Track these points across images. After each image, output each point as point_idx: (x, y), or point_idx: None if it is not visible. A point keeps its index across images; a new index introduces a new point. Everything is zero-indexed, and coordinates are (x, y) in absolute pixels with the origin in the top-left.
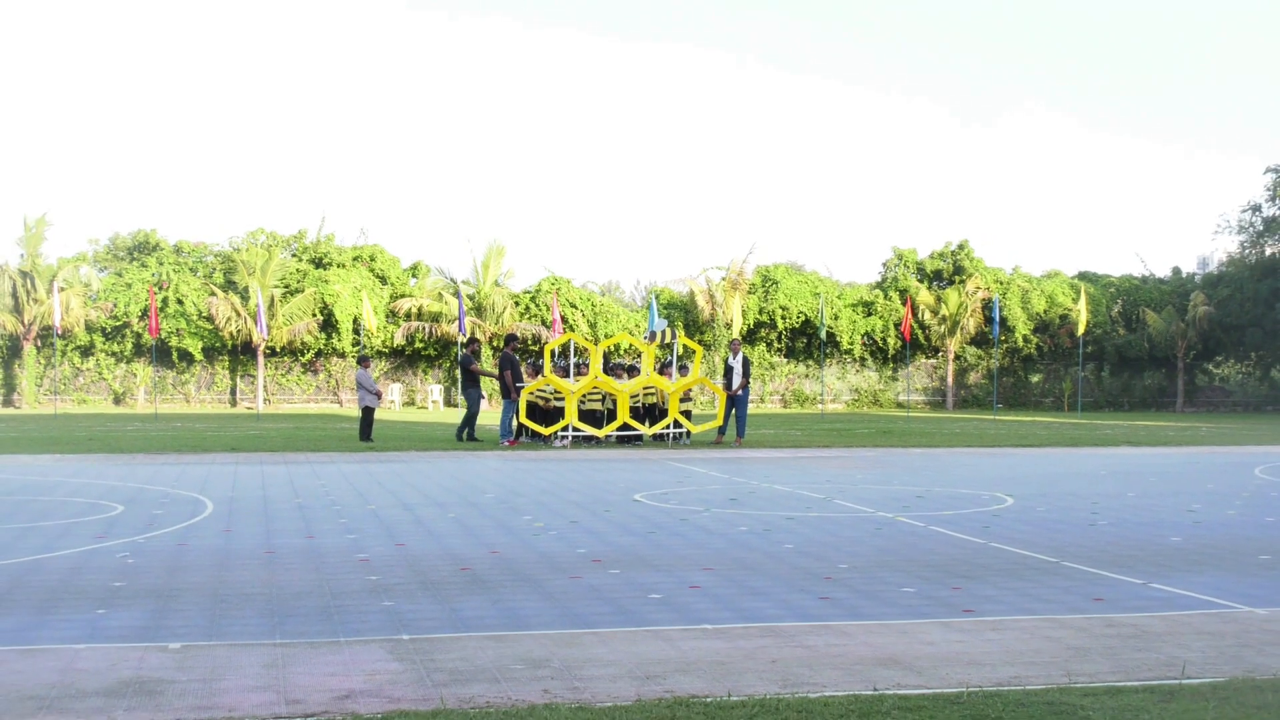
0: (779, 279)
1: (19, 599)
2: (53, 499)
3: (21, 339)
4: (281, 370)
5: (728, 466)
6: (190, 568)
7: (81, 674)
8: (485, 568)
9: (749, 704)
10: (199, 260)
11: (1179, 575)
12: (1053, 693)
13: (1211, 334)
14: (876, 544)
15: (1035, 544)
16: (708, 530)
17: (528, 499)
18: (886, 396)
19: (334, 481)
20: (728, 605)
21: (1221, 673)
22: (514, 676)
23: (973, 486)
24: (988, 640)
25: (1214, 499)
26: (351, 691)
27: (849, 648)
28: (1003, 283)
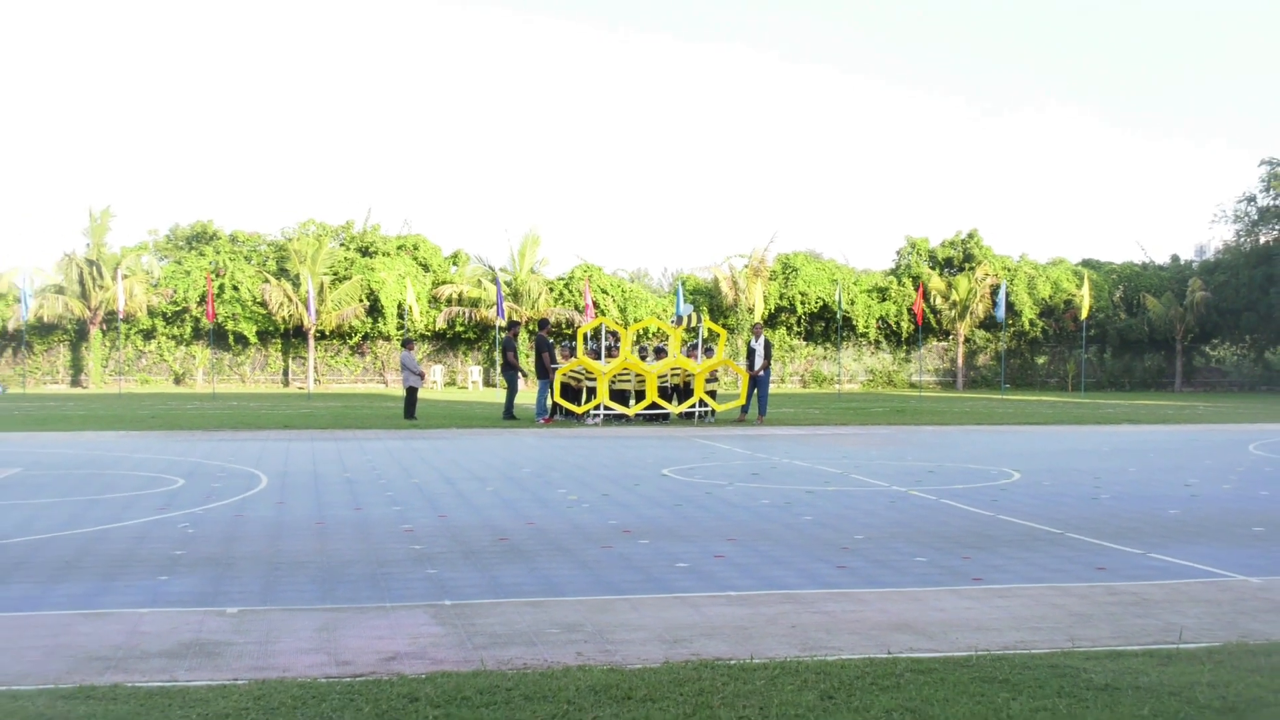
0: (798, 266)
1: (87, 566)
2: (118, 473)
3: (88, 323)
4: (330, 352)
5: (750, 443)
6: (246, 537)
7: (145, 636)
8: (522, 538)
9: (770, 666)
10: (253, 249)
11: (1177, 546)
12: (1057, 656)
13: (1208, 318)
14: (891, 516)
15: (1041, 516)
16: (731, 503)
17: (562, 473)
18: (900, 377)
19: (380, 457)
20: (750, 573)
21: (1217, 638)
22: (549, 640)
23: (981, 462)
24: (996, 607)
25: (1210, 474)
26: (397, 654)
27: (865, 614)
28: (1010, 269)
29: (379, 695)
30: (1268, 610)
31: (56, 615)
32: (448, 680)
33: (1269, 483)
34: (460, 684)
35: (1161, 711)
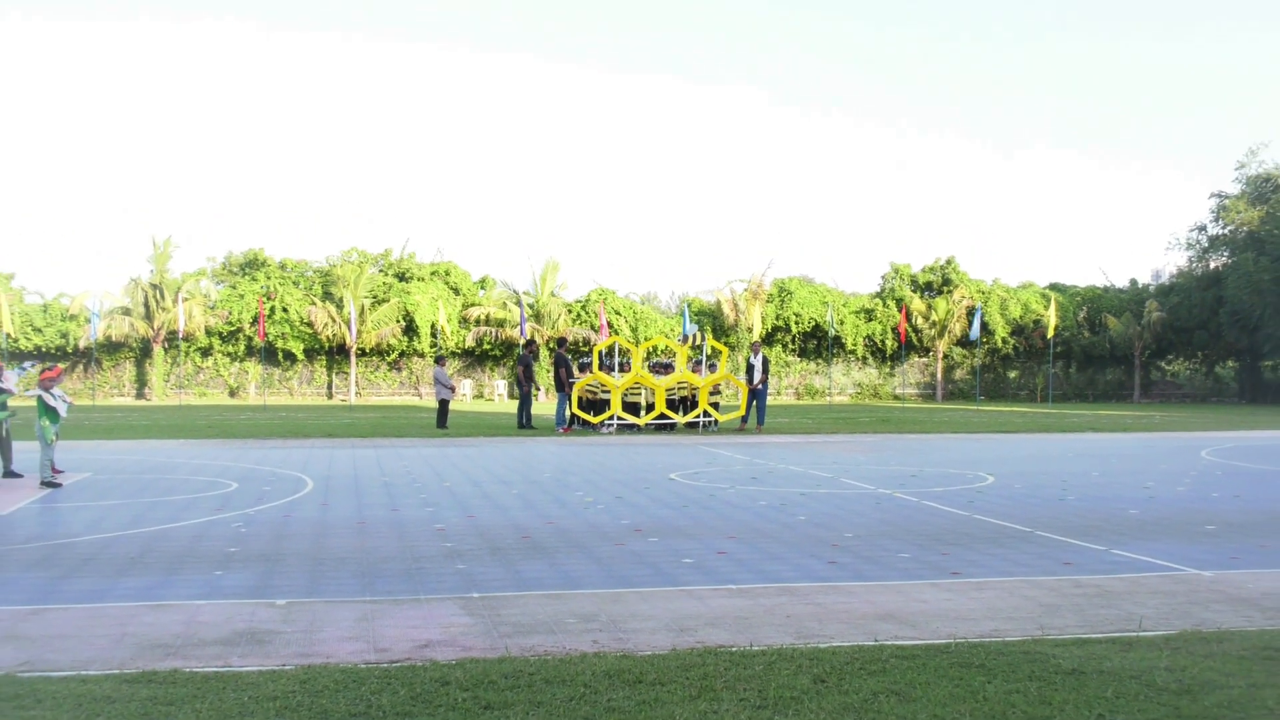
0: (793, 290)
1: (150, 562)
2: (177, 477)
3: (152, 341)
4: (370, 368)
5: (749, 450)
6: (293, 536)
7: (202, 626)
8: (543, 536)
9: (768, 653)
10: (300, 275)
11: (1136, 543)
12: (1028, 643)
13: (1164, 336)
14: (877, 516)
15: (1013, 516)
16: (732, 504)
17: (579, 477)
18: (885, 390)
19: (414, 463)
20: (750, 568)
21: (1173, 626)
22: (568, 629)
23: (959, 467)
24: (972, 598)
25: (1167, 477)
26: (430, 641)
27: (853, 605)
28: (984, 292)
29: (413, 679)
30: (1219, 601)
31: (122, 606)
32: (476, 666)
33: (1219, 485)
34: (487, 669)
35: (1123, 693)
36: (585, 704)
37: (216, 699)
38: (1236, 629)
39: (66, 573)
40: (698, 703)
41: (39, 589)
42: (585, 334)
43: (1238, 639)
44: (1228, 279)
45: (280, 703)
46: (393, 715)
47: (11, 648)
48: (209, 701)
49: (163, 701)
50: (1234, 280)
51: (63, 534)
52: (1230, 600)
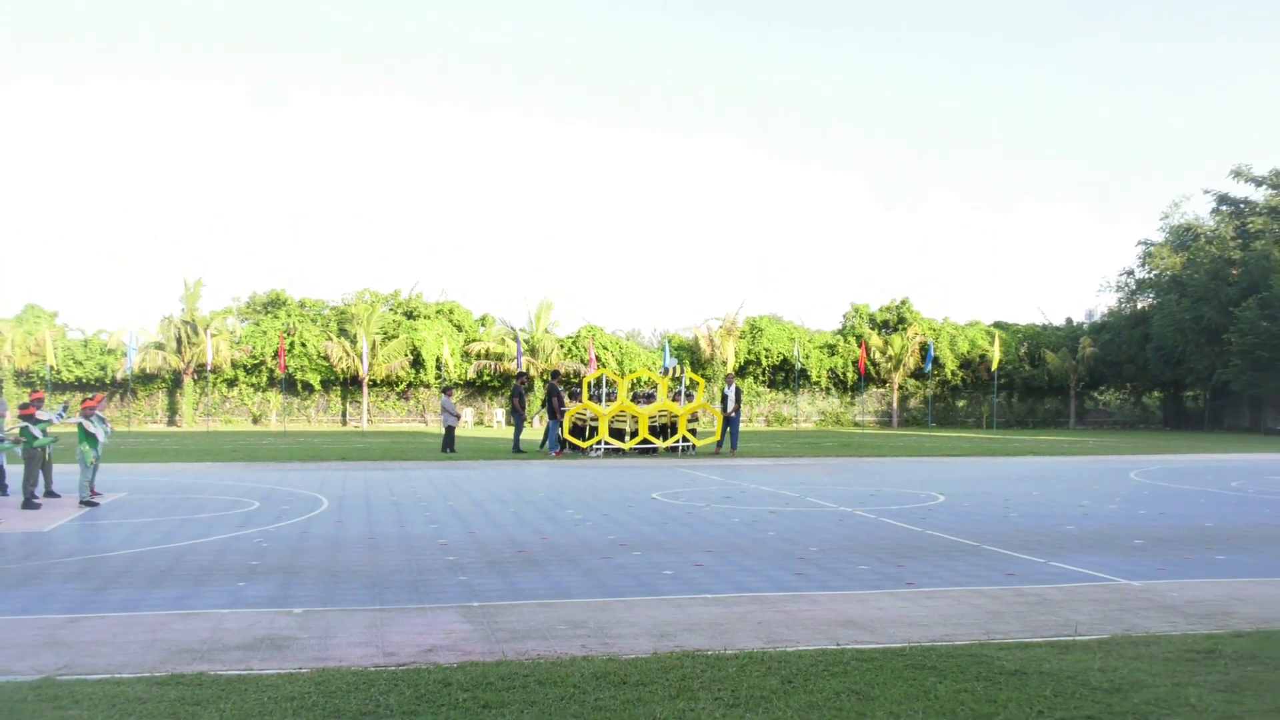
0: (763, 327)
1: (179, 574)
2: (205, 497)
3: (182, 373)
4: (380, 398)
5: (724, 472)
6: (310, 550)
7: (226, 632)
8: (537, 550)
9: (740, 656)
10: (318, 313)
11: (1073, 555)
12: (975, 647)
13: (1096, 369)
14: (839, 532)
15: (961, 531)
16: (708, 521)
17: (570, 497)
18: (846, 417)
19: (420, 484)
20: (724, 579)
21: (1106, 631)
22: (559, 634)
23: (913, 487)
24: (925, 606)
25: (1099, 496)
26: (434, 646)
27: (818, 612)
28: (935, 330)
29: (418, 681)
30: (1147, 608)
31: (153, 615)
32: (475, 668)
33: (1147, 503)
34: (485, 671)
35: (1061, 692)
36: (575, 703)
37: (239, 700)
38: (1162, 633)
39: (102, 584)
40: (677, 702)
41: (77, 599)
42: (576, 367)
43: (1163, 642)
44: (1153, 318)
45: (297, 703)
46: (399, 714)
47: (52, 653)
48: (232, 702)
49: (190, 702)
50: (1159, 319)
51: (99, 549)
52: (1157, 607)
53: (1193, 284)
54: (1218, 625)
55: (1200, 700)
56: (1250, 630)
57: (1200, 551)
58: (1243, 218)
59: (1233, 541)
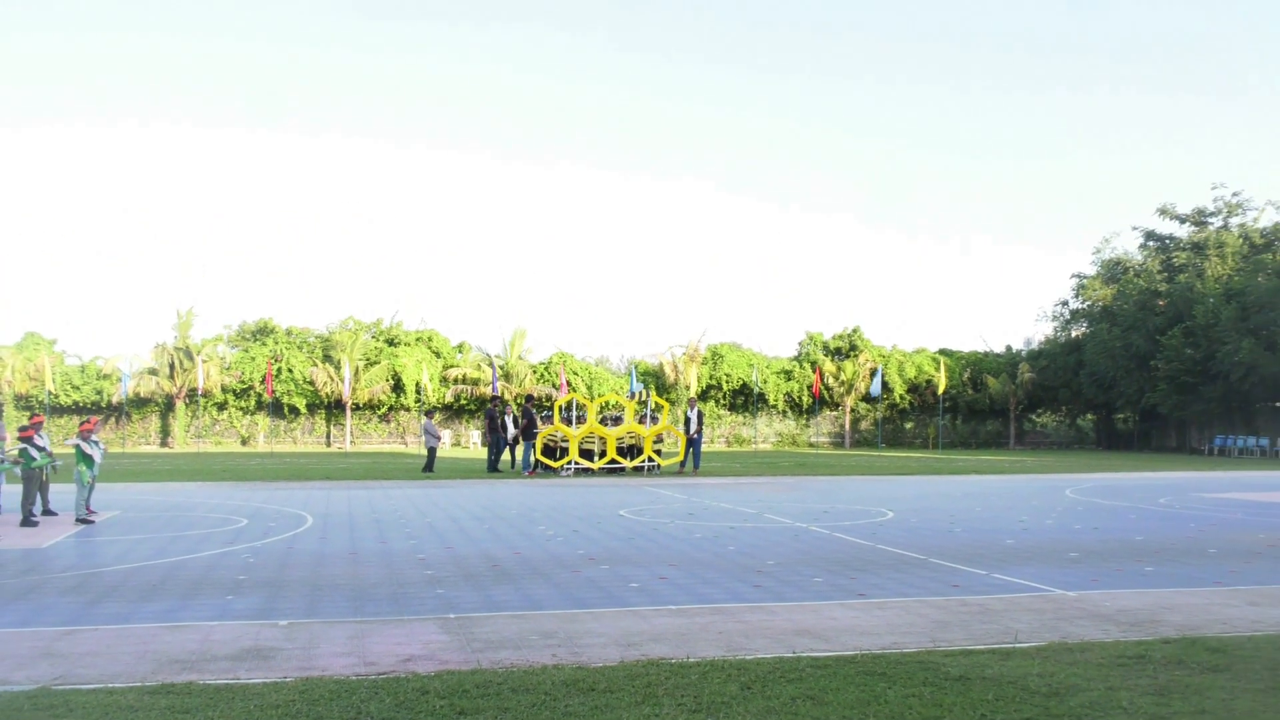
0: (724, 354)
1: (169, 588)
2: (195, 515)
3: (175, 397)
4: (363, 420)
5: (687, 490)
6: (295, 565)
7: (214, 643)
8: (510, 564)
9: (702, 664)
10: (304, 340)
11: (1013, 568)
12: (922, 654)
13: (1034, 393)
14: (795, 546)
15: (909, 545)
16: (672, 536)
17: (541, 514)
18: (801, 438)
19: (401, 502)
20: (687, 591)
21: (1044, 639)
22: (531, 644)
23: (864, 504)
24: (875, 616)
25: (1037, 512)
26: (412, 656)
27: (775, 622)
28: (884, 356)
29: (398, 689)
30: (1082, 617)
31: (144, 627)
32: (452, 677)
33: (1081, 519)
34: (461, 680)
35: (1002, 696)
36: (546, 710)
37: (226, 708)
38: (1096, 640)
39: (97, 598)
40: (642, 707)
41: (72, 612)
42: (548, 391)
43: (1097, 649)
44: (1086, 346)
45: (282, 710)
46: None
47: (47, 664)
48: (220, 710)
49: (179, 710)
50: (1091, 347)
51: (94, 564)
52: (1091, 616)
53: (1122, 314)
54: (1147, 633)
55: (1131, 703)
56: (1177, 637)
57: (1131, 564)
58: (1168, 252)
59: (1161, 554)
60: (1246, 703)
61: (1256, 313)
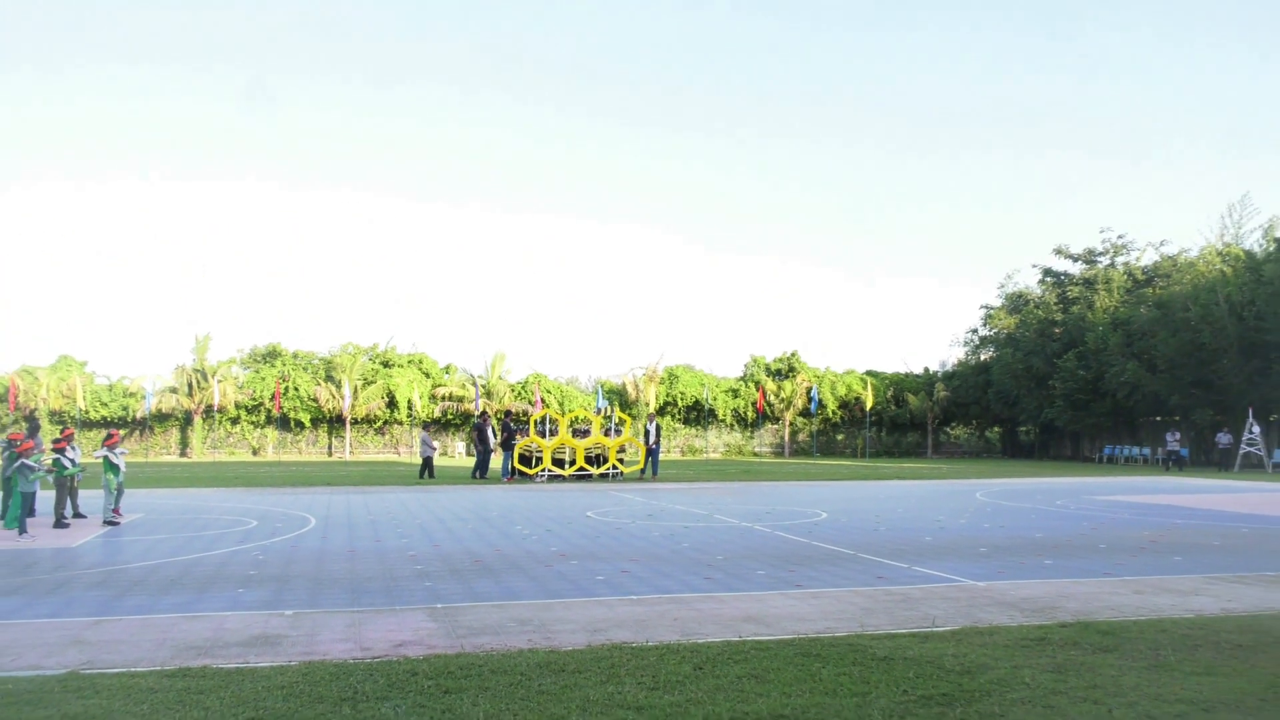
0: (678, 374)
1: (187, 582)
2: (210, 517)
3: (193, 413)
4: (361, 433)
5: (647, 494)
6: (299, 561)
7: (227, 631)
8: (491, 560)
9: (660, 647)
10: (309, 362)
11: (930, 561)
12: (851, 637)
13: (948, 409)
14: (741, 543)
15: (840, 542)
16: (633, 535)
17: (519, 515)
18: (747, 449)
19: (394, 505)
20: (646, 584)
21: (957, 623)
22: (509, 631)
23: (801, 505)
24: (811, 604)
25: (951, 513)
26: (404, 642)
27: (724, 610)
28: (819, 376)
29: (390, 671)
30: (990, 604)
31: (164, 618)
32: (438, 660)
33: (989, 518)
34: (447, 662)
35: (922, 674)
36: (522, 688)
37: (237, 689)
38: (1003, 625)
39: (121, 592)
40: (607, 686)
41: (99, 604)
42: (524, 407)
43: (1004, 632)
44: (993, 368)
45: (287, 691)
46: (374, 699)
47: (76, 650)
48: (231, 691)
49: (195, 691)
50: (997, 369)
51: (119, 561)
52: (998, 603)
53: (1024, 340)
54: (1047, 618)
55: (1034, 679)
56: (1073, 622)
57: (1032, 558)
58: (1062, 286)
59: (1058, 549)
60: (1133, 679)
61: (1139, 339)
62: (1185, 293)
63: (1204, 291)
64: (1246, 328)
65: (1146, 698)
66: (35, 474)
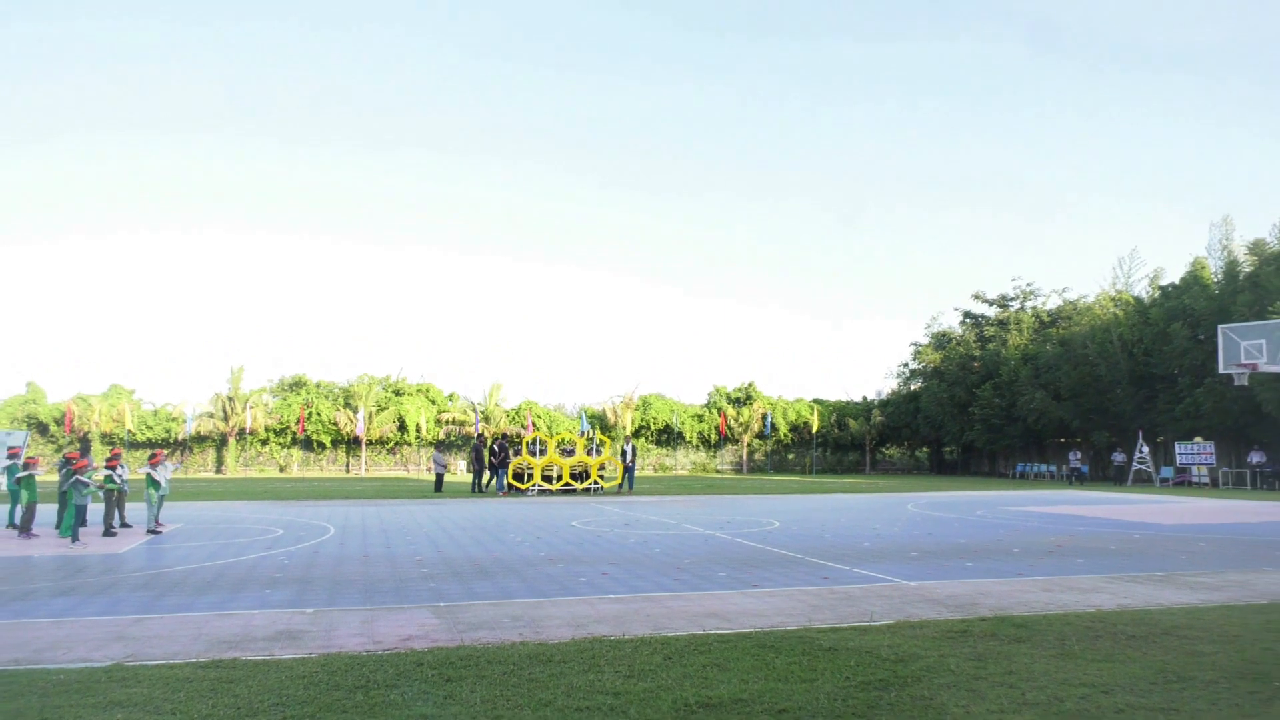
0: (651, 402)
1: (220, 584)
2: (242, 526)
3: (228, 435)
4: (375, 453)
5: (624, 506)
6: (320, 565)
7: (255, 627)
8: (488, 563)
9: (635, 640)
10: (330, 391)
11: (869, 564)
12: (801, 630)
13: (884, 432)
14: (706, 548)
15: (791, 547)
16: (612, 541)
17: (513, 525)
18: (711, 466)
19: (403, 516)
20: (623, 584)
21: (892, 618)
22: (503, 626)
23: (758, 515)
24: (766, 602)
25: (887, 522)
26: (411, 636)
27: (690, 607)
28: (773, 404)
29: (398, 662)
30: (920, 601)
31: (200, 615)
32: (441, 652)
33: (920, 527)
34: (449, 654)
35: (861, 662)
36: (514, 676)
37: (263, 678)
38: (931, 619)
39: (162, 592)
40: (588, 674)
41: (142, 604)
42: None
43: (932, 625)
44: (921, 396)
45: (307, 680)
46: (384, 686)
47: (120, 645)
48: (258, 680)
49: (225, 680)
50: (926, 397)
51: (160, 566)
52: (927, 600)
53: (947, 373)
54: (969, 613)
55: (958, 666)
56: (991, 616)
57: (956, 560)
58: (980, 326)
59: (978, 553)
60: (1043, 665)
61: (1046, 372)
62: (1084, 332)
63: (1100, 331)
64: (1136, 362)
65: (1055, 682)
66: (87, 489)
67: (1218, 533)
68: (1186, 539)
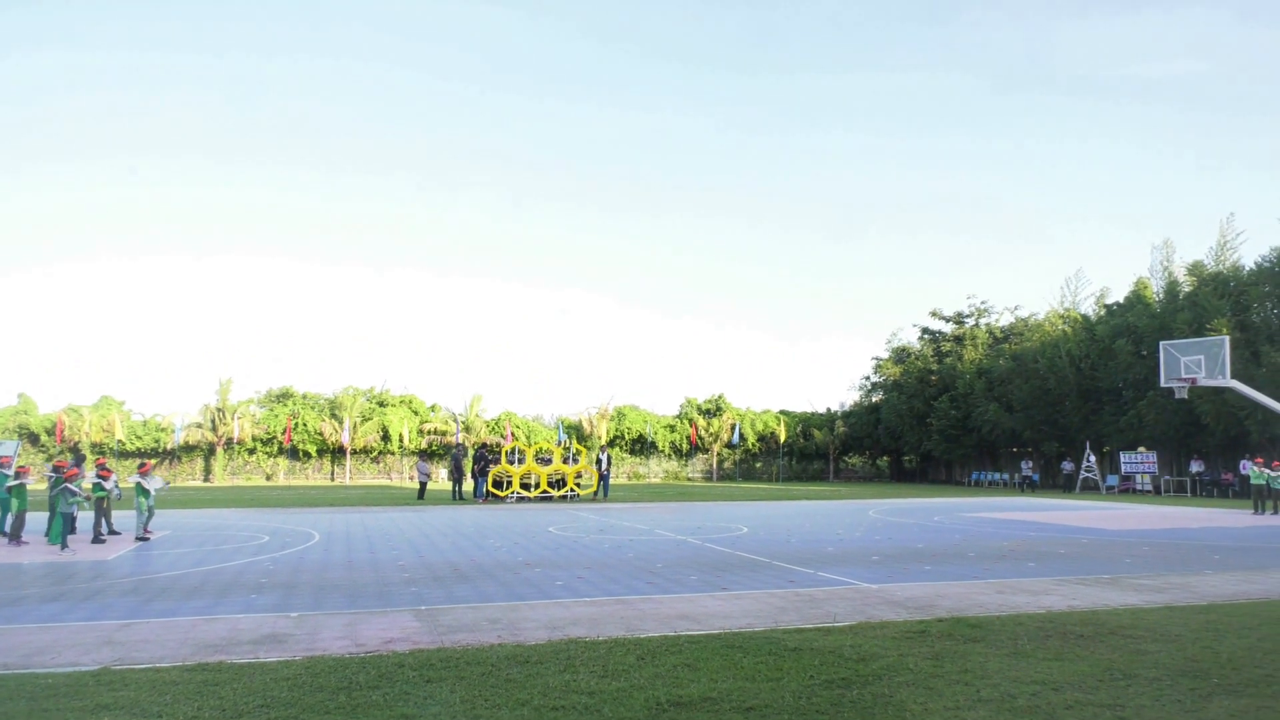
0: (625, 413)
1: (207, 589)
2: (229, 532)
3: (216, 445)
4: (359, 462)
5: (599, 512)
6: (305, 570)
7: (241, 631)
8: (467, 568)
9: (608, 641)
10: (316, 402)
11: (832, 567)
12: (768, 631)
13: (847, 441)
14: (677, 553)
15: (758, 551)
16: (588, 546)
17: (491, 530)
18: (682, 475)
19: (386, 523)
20: (598, 587)
21: (854, 619)
22: (482, 629)
23: (727, 521)
24: (734, 604)
25: (849, 527)
26: (393, 639)
27: (662, 609)
28: (741, 415)
29: (381, 663)
30: (881, 603)
31: (187, 620)
32: (422, 654)
33: (881, 532)
34: (430, 656)
35: (825, 661)
36: (492, 677)
37: (249, 680)
38: (891, 620)
39: (149, 598)
40: (564, 674)
41: (129, 609)
42: (497, 439)
43: (892, 626)
44: (882, 408)
45: (292, 682)
46: (367, 688)
47: (109, 649)
48: (244, 682)
49: (212, 683)
50: (886, 409)
51: (148, 572)
52: (888, 603)
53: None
54: (926, 614)
55: (916, 665)
56: (948, 617)
57: (915, 564)
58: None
59: (936, 557)
60: (997, 664)
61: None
62: (1035, 348)
63: (1049, 347)
64: (1083, 376)
65: (1008, 680)
66: (75, 498)
67: (1160, 538)
68: (1131, 544)
